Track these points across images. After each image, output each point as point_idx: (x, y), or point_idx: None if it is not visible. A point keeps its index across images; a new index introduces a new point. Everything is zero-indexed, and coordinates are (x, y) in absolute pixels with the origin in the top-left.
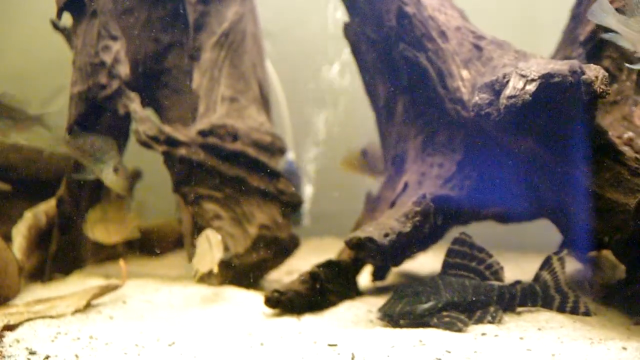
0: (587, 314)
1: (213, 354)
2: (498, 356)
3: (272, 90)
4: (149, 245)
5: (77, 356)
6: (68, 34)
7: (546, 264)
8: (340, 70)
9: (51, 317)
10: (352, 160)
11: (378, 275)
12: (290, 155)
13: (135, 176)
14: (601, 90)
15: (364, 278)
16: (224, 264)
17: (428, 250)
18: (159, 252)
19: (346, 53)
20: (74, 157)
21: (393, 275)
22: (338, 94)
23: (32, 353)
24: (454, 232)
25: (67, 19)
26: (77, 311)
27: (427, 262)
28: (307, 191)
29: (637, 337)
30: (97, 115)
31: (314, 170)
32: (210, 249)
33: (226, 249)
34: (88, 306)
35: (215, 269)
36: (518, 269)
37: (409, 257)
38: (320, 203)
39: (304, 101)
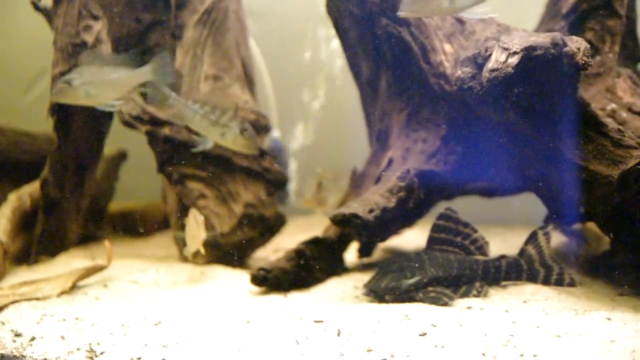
0: (572, 284)
1: (199, 332)
2: (483, 329)
3: (256, 68)
4: (134, 226)
5: (63, 337)
6: (48, 15)
7: (532, 239)
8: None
9: (37, 299)
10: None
11: (364, 251)
12: (276, 133)
13: (120, 157)
14: (583, 62)
15: (351, 254)
16: (209, 244)
17: (414, 226)
18: (143, 232)
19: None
20: (181, 123)
21: (379, 251)
22: (322, 71)
23: (17, 335)
24: (440, 208)
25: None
26: (62, 293)
27: (413, 238)
28: (292, 169)
29: (621, 308)
30: None
31: (298, 148)
32: (197, 228)
33: (211, 228)
34: (74, 288)
35: (202, 249)
36: (504, 243)
37: (395, 233)
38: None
39: (288, 79)
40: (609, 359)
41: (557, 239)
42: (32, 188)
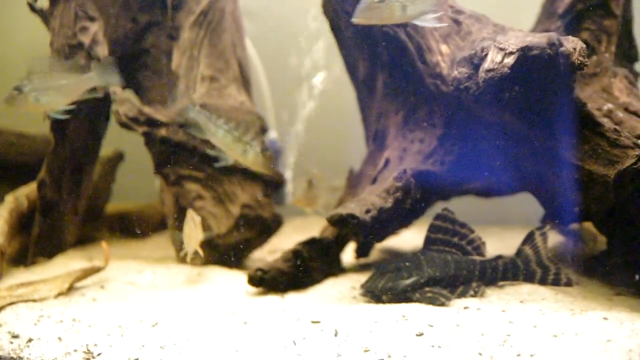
0: (568, 284)
1: (197, 333)
2: (480, 329)
3: (253, 69)
4: (132, 227)
5: (60, 339)
6: (45, 16)
7: (529, 239)
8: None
9: (34, 300)
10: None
11: (361, 252)
12: (273, 134)
13: (117, 158)
14: (579, 62)
15: (348, 255)
16: (207, 244)
17: (411, 227)
18: (139, 233)
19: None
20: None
21: (376, 251)
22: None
23: (14, 336)
24: (437, 208)
25: (43, 1)
26: (60, 294)
27: (411, 238)
28: (289, 170)
29: (618, 308)
30: None
31: (295, 149)
32: (195, 229)
33: (208, 229)
34: (71, 289)
35: (200, 250)
36: (501, 243)
37: (392, 233)
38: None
39: (284, 80)
40: (606, 359)
41: (554, 238)
42: (29, 189)
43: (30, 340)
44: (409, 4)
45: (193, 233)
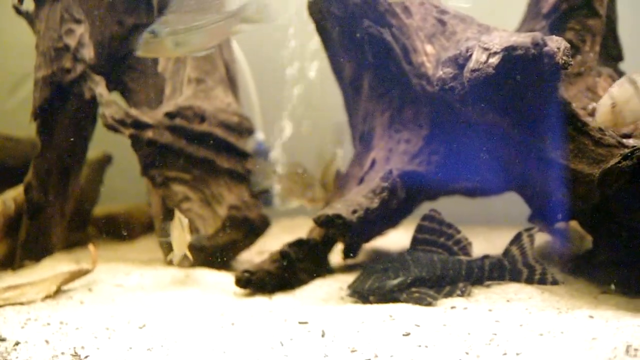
0: (555, 282)
1: (184, 335)
2: (467, 328)
3: (240, 71)
4: (119, 229)
5: (47, 342)
6: (31, 18)
7: (516, 240)
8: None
9: (21, 303)
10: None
11: (349, 252)
12: (260, 135)
13: (105, 161)
14: (563, 61)
15: (335, 256)
16: (194, 246)
17: (398, 227)
18: (126, 235)
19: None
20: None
21: (364, 252)
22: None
23: (1, 340)
24: (424, 209)
25: (29, 3)
26: (47, 297)
27: (398, 239)
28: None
29: (604, 306)
30: (62, 99)
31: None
32: (182, 231)
33: (195, 230)
34: (58, 292)
35: (188, 253)
36: (488, 243)
37: (379, 234)
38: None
39: (271, 82)
40: (591, 357)
41: (541, 238)
42: (16, 192)
43: (17, 343)
44: (181, 41)
45: (181, 235)
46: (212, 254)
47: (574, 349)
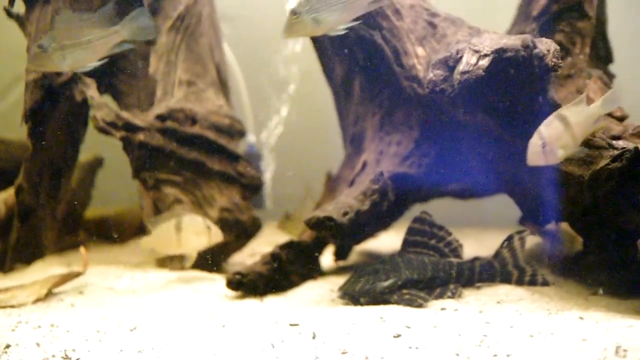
0: (545, 284)
1: (175, 337)
2: (457, 330)
3: (231, 73)
4: (111, 232)
5: (38, 344)
6: (21, 21)
7: (507, 242)
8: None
9: (12, 306)
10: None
11: (340, 254)
12: (251, 138)
13: (96, 163)
14: (553, 63)
15: (327, 258)
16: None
17: (390, 229)
18: (118, 237)
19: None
20: None
21: (355, 254)
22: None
23: None
24: (416, 211)
25: (20, 6)
26: (38, 300)
27: (389, 241)
28: (269, 174)
29: (594, 307)
30: (53, 102)
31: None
32: (176, 231)
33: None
34: (49, 294)
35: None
36: (479, 245)
37: (370, 236)
38: (283, 186)
39: (263, 84)
40: (581, 357)
41: (532, 239)
42: (6, 195)
43: (8, 346)
44: (68, 56)
45: (172, 234)
46: (203, 256)
47: (564, 350)
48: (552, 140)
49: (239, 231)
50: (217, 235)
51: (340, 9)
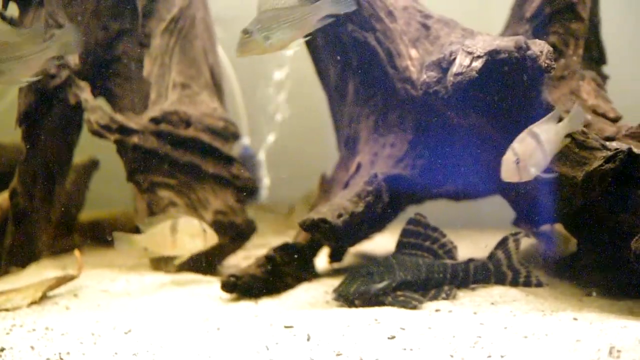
0: (539, 285)
1: (169, 340)
2: (451, 331)
3: (225, 76)
4: (105, 235)
5: (32, 347)
6: (15, 24)
7: (502, 244)
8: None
9: (6, 310)
10: None
11: (335, 256)
12: (245, 140)
13: (91, 166)
14: (546, 64)
15: (322, 260)
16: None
17: (384, 231)
18: (111, 240)
19: None
20: None
21: (350, 256)
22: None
23: None
24: (411, 212)
25: (13, 9)
26: (32, 303)
27: (384, 243)
28: (264, 177)
29: (588, 308)
30: (47, 105)
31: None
32: (171, 233)
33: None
34: (44, 298)
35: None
36: (474, 246)
37: (365, 237)
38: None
39: (256, 85)
40: (575, 358)
41: (526, 240)
42: (1, 198)
43: (2, 349)
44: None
45: (166, 236)
46: (198, 259)
47: (558, 351)
48: (525, 156)
49: (234, 234)
50: (211, 239)
51: (291, 27)
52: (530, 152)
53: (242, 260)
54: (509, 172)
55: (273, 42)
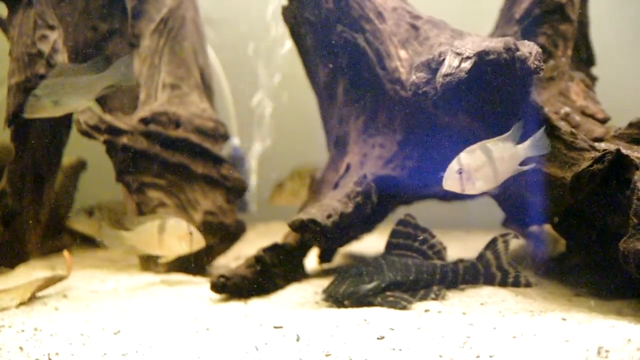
0: (528, 285)
1: (159, 340)
2: (440, 331)
3: (215, 76)
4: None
5: (21, 348)
6: (4, 24)
7: (491, 244)
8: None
9: None
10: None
11: (325, 257)
12: (235, 141)
13: (79, 167)
14: (535, 65)
15: (311, 260)
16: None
17: (374, 231)
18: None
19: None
20: None
21: (340, 256)
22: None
23: None
24: (400, 213)
25: (2, 9)
26: (21, 304)
27: (374, 244)
28: (253, 177)
29: (577, 308)
30: None
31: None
32: (158, 233)
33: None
34: (33, 298)
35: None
36: (464, 247)
37: (354, 238)
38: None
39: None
40: (564, 358)
41: (515, 241)
42: None
43: None
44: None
45: (154, 236)
46: (187, 259)
47: (547, 351)
48: (470, 169)
49: (223, 234)
50: (198, 242)
51: (76, 94)
52: (476, 166)
53: (232, 260)
54: (449, 180)
55: (61, 106)
